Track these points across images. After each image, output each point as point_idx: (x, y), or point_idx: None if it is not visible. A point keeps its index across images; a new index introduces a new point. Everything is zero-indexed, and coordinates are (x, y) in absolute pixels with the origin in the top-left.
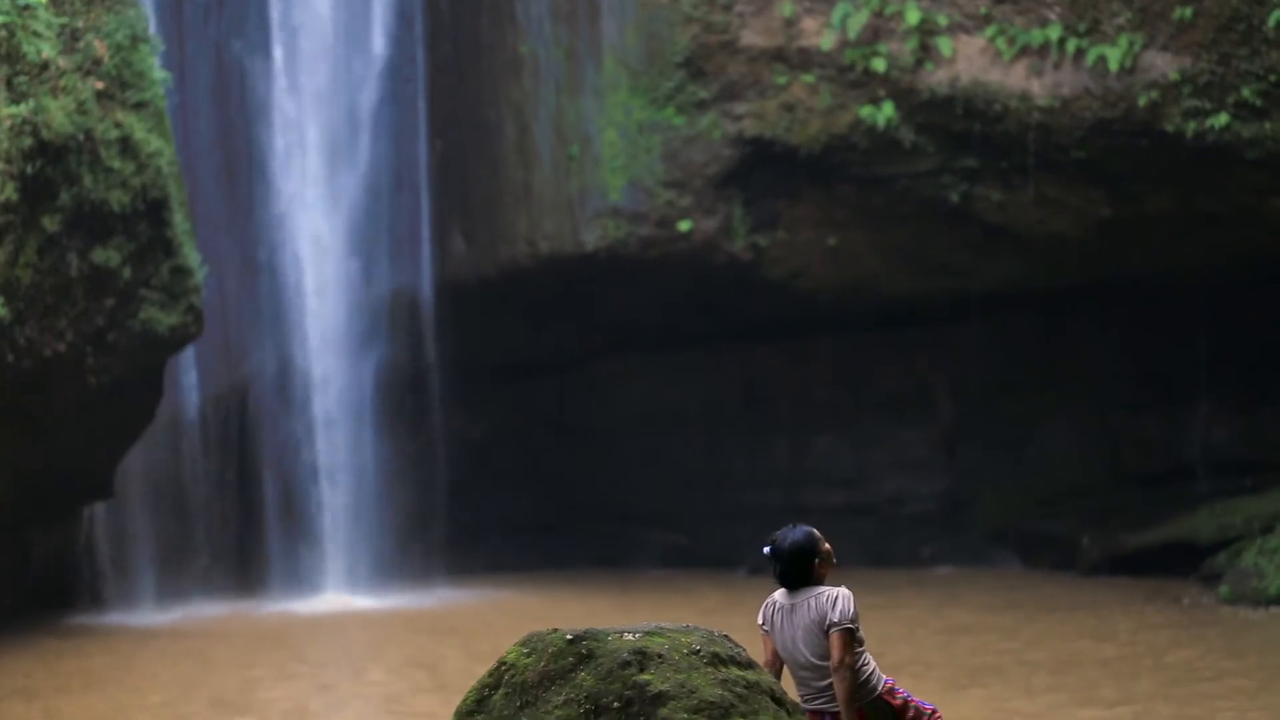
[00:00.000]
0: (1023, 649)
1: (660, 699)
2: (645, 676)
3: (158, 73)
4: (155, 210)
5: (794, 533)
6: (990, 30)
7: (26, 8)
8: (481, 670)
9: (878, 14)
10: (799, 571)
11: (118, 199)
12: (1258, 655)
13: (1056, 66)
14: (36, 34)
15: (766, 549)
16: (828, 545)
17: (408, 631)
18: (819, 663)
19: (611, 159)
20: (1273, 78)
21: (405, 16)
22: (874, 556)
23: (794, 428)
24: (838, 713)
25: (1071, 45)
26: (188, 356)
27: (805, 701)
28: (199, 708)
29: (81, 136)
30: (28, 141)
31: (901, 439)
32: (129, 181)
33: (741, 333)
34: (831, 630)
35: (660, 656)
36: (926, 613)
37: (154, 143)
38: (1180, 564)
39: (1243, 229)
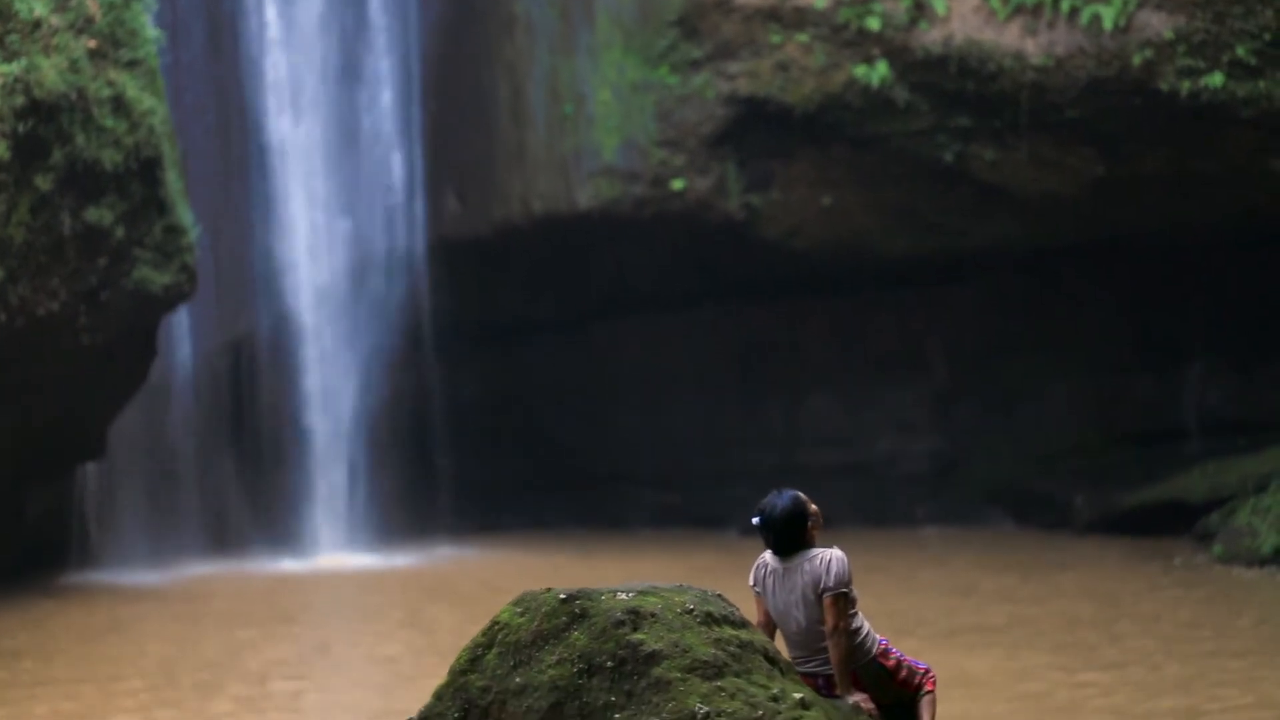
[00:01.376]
0: (1019, 609)
1: (653, 658)
2: (638, 636)
3: (150, 31)
4: (148, 169)
5: (781, 499)
6: None
7: None
8: (475, 629)
9: None
10: (792, 538)
11: (110, 158)
12: (1255, 614)
13: (1050, 25)
14: None
15: (756, 519)
16: (815, 506)
17: (401, 591)
18: (813, 626)
19: (605, 118)
20: (1267, 36)
21: None
22: (867, 516)
23: (788, 388)
24: (832, 675)
25: (1066, 4)
26: (181, 316)
27: (799, 664)
28: (191, 668)
29: (74, 95)
30: (20, 100)
31: (896, 399)
32: (122, 140)
33: (736, 294)
34: (825, 595)
35: (653, 616)
36: (920, 572)
37: (147, 101)
38: (1174, 523)
39: (1237, 189)
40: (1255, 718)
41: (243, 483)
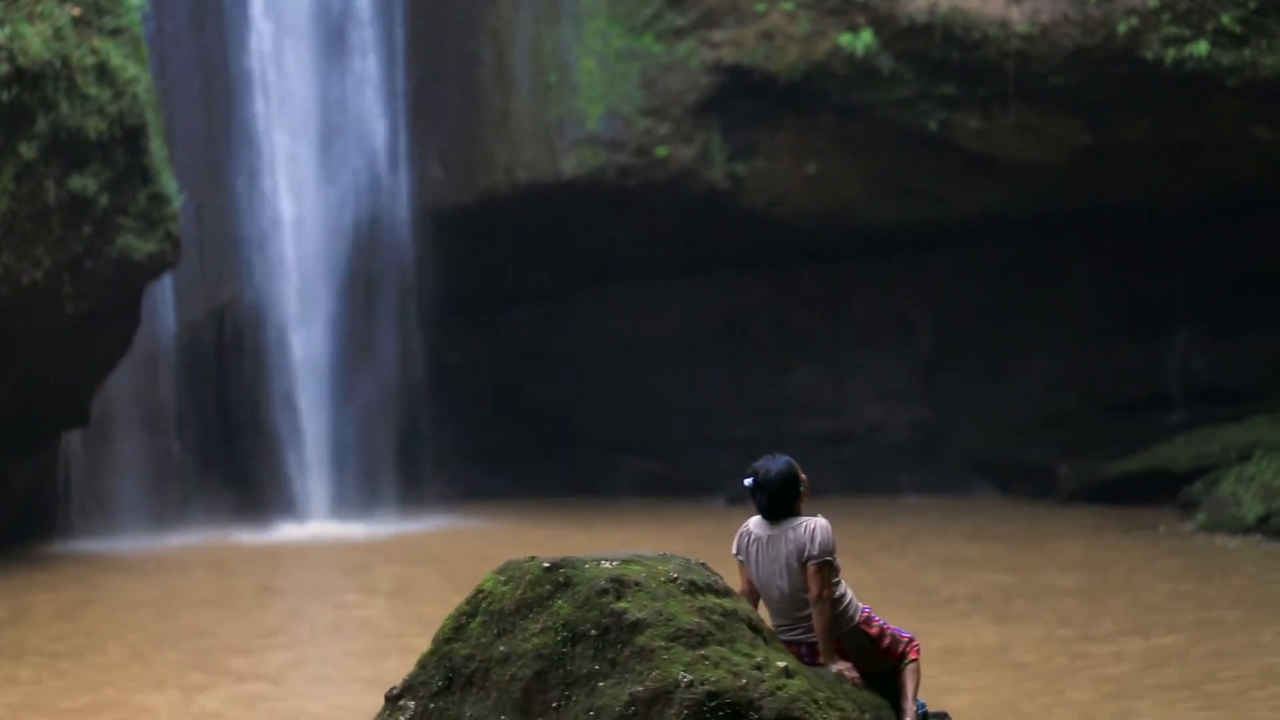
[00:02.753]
0: (1007, 578)
1: (637, 627)
2: (622, 604)
3: None
4: (132, 137)
5: (776, 463)
6: None
7: None
8: (460, 598)
9: None
10: (785, 503)
11: (95, 126)
12: (1243, 584)
13: None
14: None
15: (749, 480)
16: (803, 474)
17: (386, 559)
18: (797, 594)
19: (589, 87)
20: (1252, 4)
21: None
22: (852, 485)
23: (773, 357)
24: (815, 643)
25: None
26: (165, 284)
27: (782, 632)
28: (174, 639)
29: (58, 63)
30: (4, 68)
31: (880, 368)
32: (106, 108)
33: (721, 263)
34: (810, 563)
35: (637, 584)
36: (905, 541)
37: (131, 69)
38: (1157, 492)
39: (1222, 157)
40: (1257, 687)
41: (228, 451)
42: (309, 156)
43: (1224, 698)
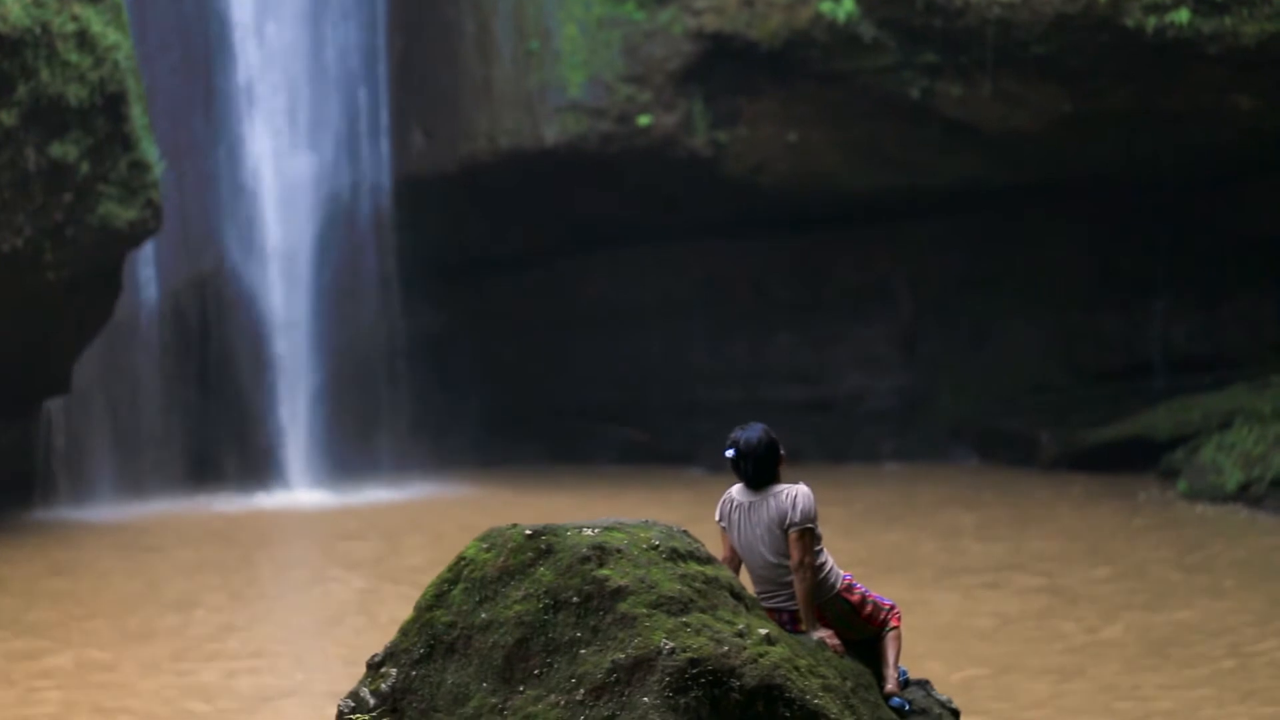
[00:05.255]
0: (999, 548)
1: (619, 594)
2: (604, 571)
3: None
4: (113, 104)
5: (753, 431)
6: None
7: None
8: (442, 566)
9: None
10: (768, 470)
11: (75, 93)
12: (1231, 554)
13: None
14: None
15: (730, 452)
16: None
17: (366, 527)
18: (778, 561)
19: (571, 54)
20: None
21: None
22: (833, 452)
23: (754, 324)
24: (796, 611)
25: None
26: (146, 251)
27: (763, 599)
28: (151, 608)
29: (38, 29)
30: None
31: (861, 335)
32: (86, 75)
33: (702, 230)
34: (791, 529)
35: (619, 552)
36: (887, 509)
37: (111, 36)
38: (1138, 460)
39: (1202, 126)
40: (1252, 661)
41: (209, 419)
42: (290, 124)
43: (1221, 670)
